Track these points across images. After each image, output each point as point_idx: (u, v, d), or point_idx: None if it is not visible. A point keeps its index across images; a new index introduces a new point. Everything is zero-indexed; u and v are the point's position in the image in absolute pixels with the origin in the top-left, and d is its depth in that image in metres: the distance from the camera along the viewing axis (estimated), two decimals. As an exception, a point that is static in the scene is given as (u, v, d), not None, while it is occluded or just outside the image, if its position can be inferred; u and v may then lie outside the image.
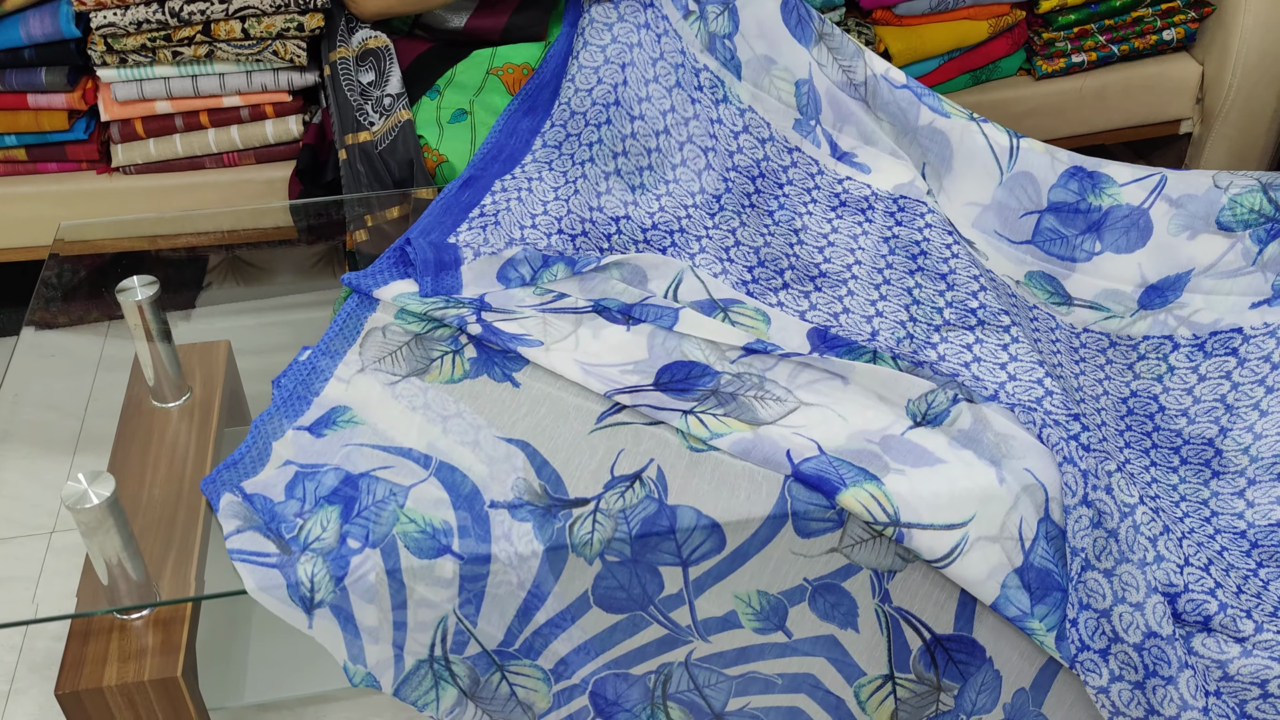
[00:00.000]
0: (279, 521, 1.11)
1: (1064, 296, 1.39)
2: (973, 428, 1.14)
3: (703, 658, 1.14)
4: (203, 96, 1.77)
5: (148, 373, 1.43)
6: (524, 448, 1.14)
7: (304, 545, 1.09)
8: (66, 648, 1.18)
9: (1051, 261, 1.40)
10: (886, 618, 1.13)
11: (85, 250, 1.71)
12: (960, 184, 1.45)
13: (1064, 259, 1.40)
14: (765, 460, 1.11)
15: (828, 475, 1.08)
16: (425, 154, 1.55)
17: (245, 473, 1.17)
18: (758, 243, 1.38)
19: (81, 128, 1.80)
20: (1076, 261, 1.39)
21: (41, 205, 1.83)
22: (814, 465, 1.09)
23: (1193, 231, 1.33)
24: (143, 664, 1.16)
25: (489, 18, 1.68)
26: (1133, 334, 1.36)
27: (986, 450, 1.12)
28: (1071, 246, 1.39)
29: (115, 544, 1.12)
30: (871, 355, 1.23)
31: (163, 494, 1.32)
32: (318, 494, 1.11)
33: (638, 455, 1.13)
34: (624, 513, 1.09)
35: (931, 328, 1.28)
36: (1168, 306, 1.35)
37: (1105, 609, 1.08)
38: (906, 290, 1.33)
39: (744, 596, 1.12)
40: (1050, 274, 1.41)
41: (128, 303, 1.37)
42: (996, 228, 1.43)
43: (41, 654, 1.58)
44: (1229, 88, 1.94)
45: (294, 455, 1.16)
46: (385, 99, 1.60)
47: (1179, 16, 1.94)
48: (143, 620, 1.20)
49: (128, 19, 1.67)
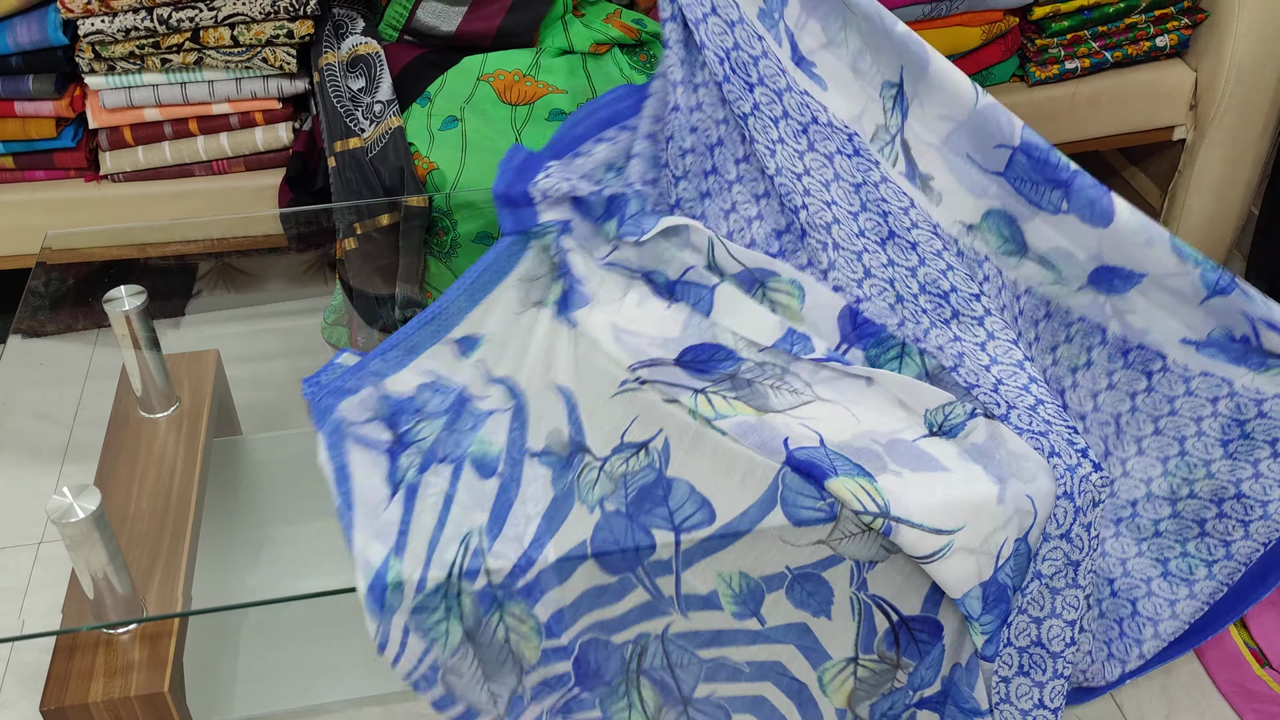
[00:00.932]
0: (402, 414, 1.27)
1: (1019, 245, 1.33)
2: (987, 443, 1.15)
3: (679, 634, 1.17)
4: (192, 104, 1.76)
5: (135, 383, 1.42)
6: (566, 397, 1.24)
7: (411, 441, 1.25)
8: (52, 663, 1.17)
9: (1019, 201, 1.32)
10: (860, 604, 1.15)
11: (73, 259, 1.70)
12: (936, 94, 1.34)
13: (1031, 201, 1.32)
14: (762, 444, 1.13)
15: (819, 463, 1.10)
16: (416, 161, 1.54)
17: (387, 372, 1.32)
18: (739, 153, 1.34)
19: (69, 135, 1.78)
20: (1041, 209, 1.31)
21: (29, 213, 1.81)
22: (808, 453, 1.11)
23: (1149, 240, 1.27)
24: (129, 679, 1.15)
25: (480, 22, 1.67)
26: (1071, 307, 1.33)
27: (996, 467, 1.13)
28: (1040, 192, 1.31)
29: (101, 558, 1.11)
30: (899, 347, 1.23)
31: (150, 506, 1.31)
32: (438, 405, 1.28)
33: (649, 425, 1.18)
34: (625, 477, 1.15)
35: (916, 323, 1.27)
36: (1112, 295, 1.31)
37: (1039, 617, 1.16)
38: (884, 265, 1.30)
39: (726, 576, 1.13)
40: (1012, 215, 1.33)
41: (115, 313, 1.36)
42: (969, 150, 1.34)
43: (29, 667, 1.57)
44: (1222, 94, 1.93)
45: (434, 366, 1.32)
46: (376, 106, 1.59)
47: (1172, 23, 1.94)
48: (129, 635, 1.19)
49: (115, 26, 1.66)
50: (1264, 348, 1.24)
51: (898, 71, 1.36)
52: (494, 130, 1.57)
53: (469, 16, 1.66)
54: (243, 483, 1.60)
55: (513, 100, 1.63)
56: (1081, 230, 1.29)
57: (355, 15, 1.68)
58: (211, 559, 1.37)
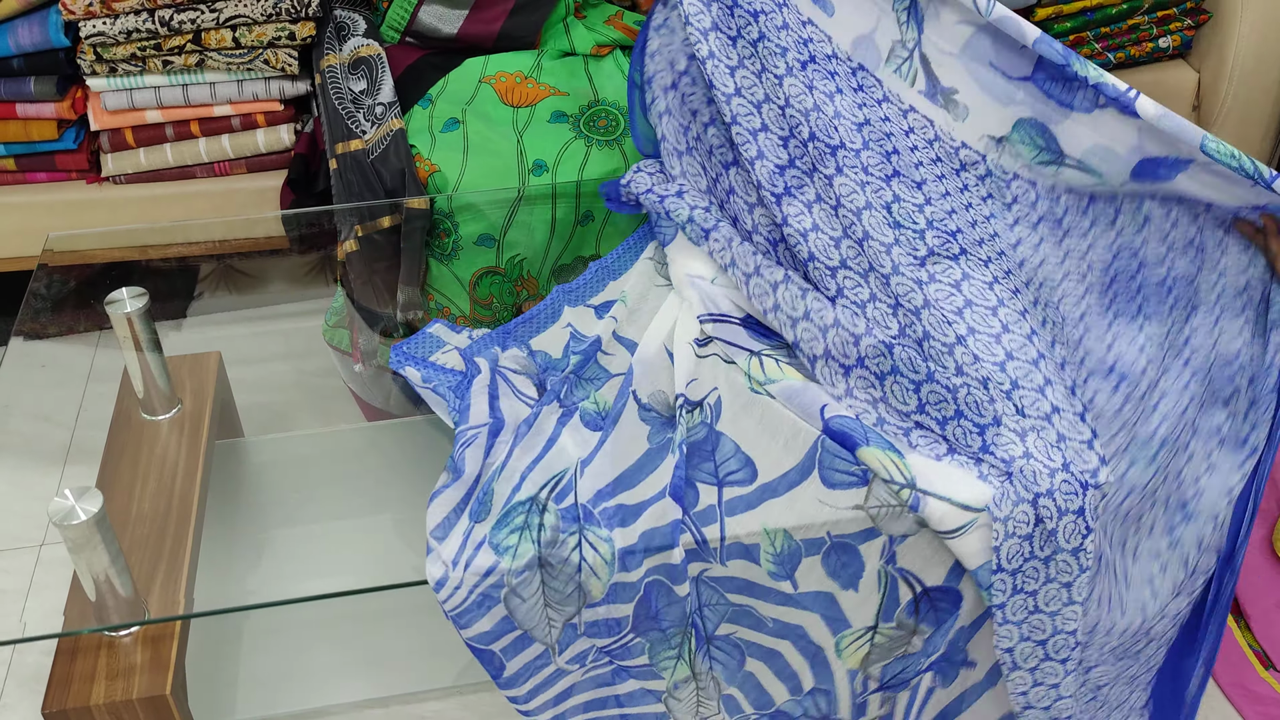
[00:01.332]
0: (548, 367, 1.36)
1: (1055, 153, 1.29)
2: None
3: (714, 577, 1.21)
4: (193, 105, 1.76)
5: (137, 385, 1.42)
6: (671, 359, 1.31)
7: (550, 386, 1.32)
8: (54, 665, 1.17)
9: (1049, 105, 1.28)
10: (887, 578, 1.18)
11: (75, 260, 1.69)
12: (950, 1, 1.31)
13: (1061, 103, 1.28)
14: (803, 409, 1.19)
15: (853, 432, 1.16)
16: (417, 163, 1.53)
17: (535, 331, 1.41)
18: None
19: (71, 137, 1.78)
20: (1074, 110, 1.27)
21: (31, 215, 1.81)
22: (842, 423, 1.17)
23: (1179, 137, 1.22)
24: (131, 682, 1.15)
25: (482, 25, 1.67)
26: (1116, 194, 1.31)
27: (1016, 479, 1.15)
28: (1071, 91, 1.27)
29: (103, 561, 1.11)
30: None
31: (152, 509, 1.31)
32: (574, 352, 1.37)
33: (705, 383, 1.26)
34: (686, 430, 1.23)
35: (916, 261, 1.25)
36: (1159, 183, 1.27)
37: (1034, 590, 1.18)
38: (885, 207, 1.27)
39: (771, 533, 1.17)
40: (1043, 122, 1.29)
41: (117, 315, 1.36)
42: (992, 58, 1.30)
43: (31, 669, 1.56)
44: (1225, 95, 1.93)
45: (574, 321, 1.40)
46: (377, 107, 1.58)
47: (1175, 24, 1.93)
48: (131, 637, 1.18)
49: (117, 28, 1.66)
50: None
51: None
52: (495, 132, 1.56)
53: (470, 19, 1.66)
54: (245, 485, 1.60)
55: (514, 102, 1.62)
56: (1119, 123, 1.25)
57: (357, 17, 1.67)
58: (214, 561, 1.37)
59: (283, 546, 1.52)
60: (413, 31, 1.67)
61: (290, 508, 1.58)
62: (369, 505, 1.52)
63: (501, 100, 1.62)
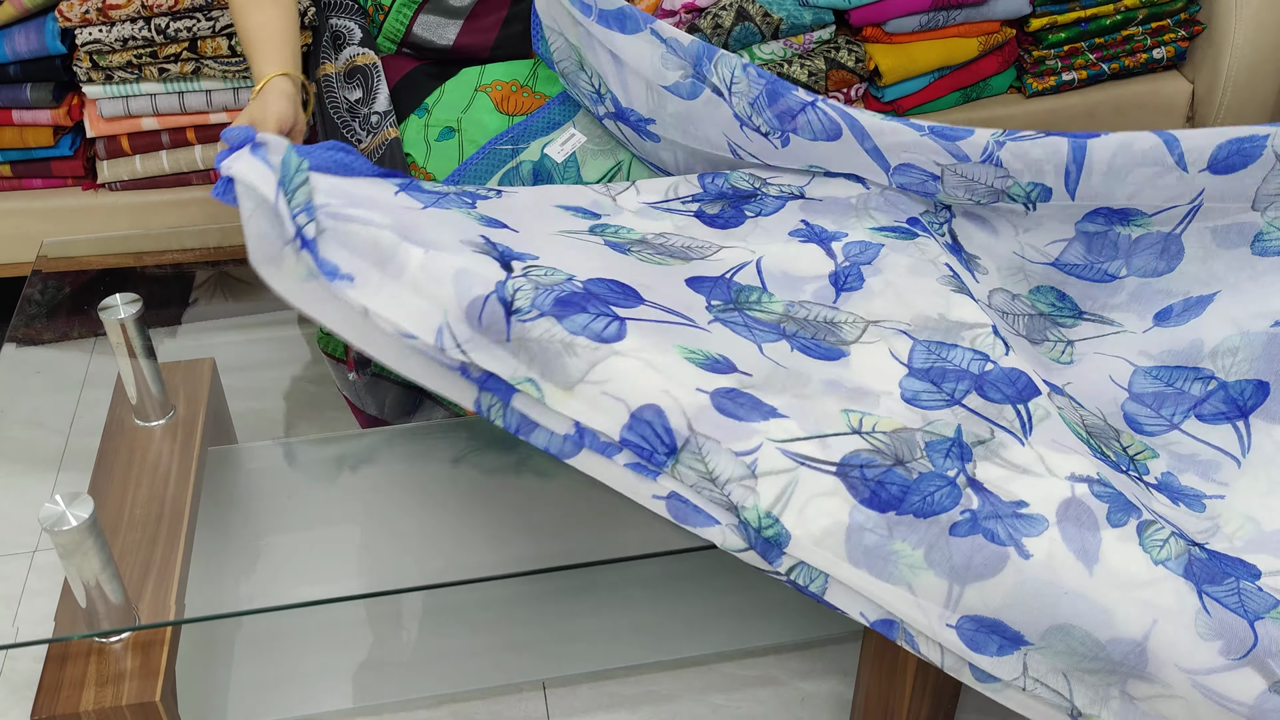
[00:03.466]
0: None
1: (1073, 310, 1.35)
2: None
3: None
4: (189, 113, 1.76)
5: (130, 391, 1.42)
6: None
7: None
8: (44, 671, 1.17)
9: (1069, 280, 1.36)
10: None
11: (69, 266, 1.70)
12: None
13: (1084, 279, 1.35)
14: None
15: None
16: (412, 172, 1.54)
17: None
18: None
19: (67, 144, 1.79)
20: (1096, 282, 1.35)
21: (26, 221, 1.81)
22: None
23: (1228, 248, 1.29)
24: (121, 688, 1.15)
25: (477, 35, 1.67)
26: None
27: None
28: (1094, 270, 1.35)
29: (94, 566, 1.11)
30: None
31: (144, 514, 1.31)
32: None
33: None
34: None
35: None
36: (1186, 324, 1.30)
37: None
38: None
39: None
40: (1063, 290, 1.36)
41: (110, 321, 1.36)
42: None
43: (23, 675, 1.56)
44: (1219, 106, 1.94)
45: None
46: (373, 116, 1.59)
47: (1169, 35, 1.94)
48: (122, 643, 1.18)
49: (113, 36, 1.66)
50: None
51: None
52: (490, 141, 1.57)
53: (465, 30, 1.66)
54: (238, 491, 1.60)
55: (510, 111, 1.63)
56: (1144, 285, 1.33)
57: (353, 25, 1.68)
58: (206, 567, 1.37)
59: (275, 553, 1.52)
60: (409, 43, 1.67)
61: (283, 514, 1.57)
62: (362, 513, 1.52)
63: (497, 108, 1.62)
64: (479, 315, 1.07)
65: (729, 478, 1.05)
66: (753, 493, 1.05)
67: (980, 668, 1.06)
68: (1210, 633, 1.03)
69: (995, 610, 1.05)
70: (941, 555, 1.04)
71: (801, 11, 1.81)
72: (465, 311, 1.07)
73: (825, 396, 1.13)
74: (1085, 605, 1.04)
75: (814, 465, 1.06)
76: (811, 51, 1.84)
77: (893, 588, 1.05)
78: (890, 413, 1.13)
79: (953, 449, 1.10)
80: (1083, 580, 1.04)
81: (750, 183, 1.41)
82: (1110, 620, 1.03)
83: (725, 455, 1.06)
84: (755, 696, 1.54)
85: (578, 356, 1.07)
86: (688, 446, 1.06)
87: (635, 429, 1.07)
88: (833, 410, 1.12)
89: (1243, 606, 1.05)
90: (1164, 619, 1.03)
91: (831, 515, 1.05)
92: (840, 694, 1.54)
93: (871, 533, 1.04)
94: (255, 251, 1.10)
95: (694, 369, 1.11)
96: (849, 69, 1.83)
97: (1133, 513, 1.07)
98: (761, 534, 1.04)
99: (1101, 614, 1.03)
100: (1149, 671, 1.03)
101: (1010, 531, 1.04)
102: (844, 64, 1.83)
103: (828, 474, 1.06)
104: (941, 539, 1.04)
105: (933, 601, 1.05)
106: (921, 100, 1.90)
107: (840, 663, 1.58)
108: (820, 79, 1.83)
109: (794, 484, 1.05)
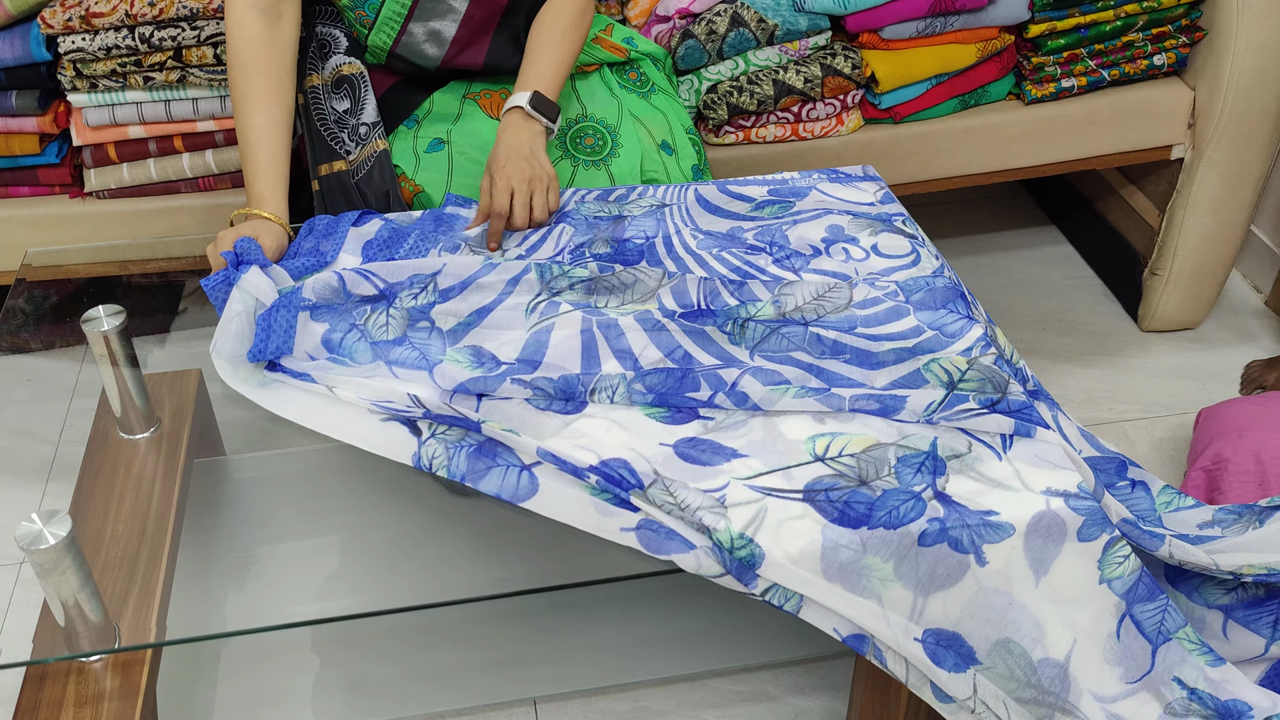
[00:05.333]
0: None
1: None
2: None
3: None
4: (176, 121, 1.74)
5: (114, 404, 1.40)
6: None
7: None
8: (22, 692, 1.14)
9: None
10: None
11: (55, 276, 1.68)
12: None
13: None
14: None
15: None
16: (402, 184, 1.51)
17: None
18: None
19: (53, 151, 1.76)
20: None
21: (12, 230, 1.79)
22: None
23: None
24: (100, 709, 1.12)
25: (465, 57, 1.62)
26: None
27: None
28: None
29: (72, 586, 1.09)
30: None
31: (126, 530, 1.29)
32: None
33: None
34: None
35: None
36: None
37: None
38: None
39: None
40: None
41: (93, 333, 1.34)
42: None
43: (6, 690, 1.54)
44: (1221, 113, 1.91)
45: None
46: (361, 127, 1.56)
47: (1170, 41, 1.92)
48: (102, 663, 1.16)
49: (96, 45, 1.64)
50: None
51: None
52: (481, 152, 1.54)
53: (453, 51, 1.61)
54: (225, 504, 1.57)
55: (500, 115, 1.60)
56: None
57: (339, 33, 1.65)
58: (191, 584, 1.35)
59: (264, 567, 1.50)
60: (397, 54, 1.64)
61: (270, 527, 1.55)
62: (351, 525, 1.50)
63: (487, 115, 1.60)
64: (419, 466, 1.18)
65: (699, 506, 1.08)
66: (723, 518, 1.07)
67: (939, 685, 1.10)
68: (1114, 658, 1.11)
69: (954, 622, 1.09)
70: (910, 566, 1.08)
71: (797, 17, 1.79)
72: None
73: (788, 427, 1.17)
74: (1025, 618, 1.10)
75: (780, 495, 1.10)
76: (807, 58, 1.82)
77: (864, 601, 1.08)
78: (866, 428, 1.16)
79: (925, 463, 1.12)
80: (1028, 591, 1.09)
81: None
82: (1042, 637, 1.10)
83: (693, 492, 1.09)
84: (748, 713, 1.53)
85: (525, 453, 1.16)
86: (655, 485, 1.10)
87: (604, 468, 1.11)
88: (797, 439, 1.16)
89: (1160, 626, 1.12)
90: (1082, 640, 1.11)
91: (806, 535, 1.07)
92: (834, 709, 1.52)
93: (846, 549, 1.07)
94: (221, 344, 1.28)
95: (657, 424, 1.17)
96: (845, 75, 1.81)
97: (1106, 528, 1.11)
98: (734, 555, 1.06)
99: (1037, 629, 1.10)
100: (1069, 701, 1.10)
101: (974, 538, 1.08)
102: (840, 70, 1.81)
103: (794, 500, 1.09)
104: (911, 550, 1.08)
105: (899, 614, 1.09)
106: (919, 107, 1.87)
107: (834, 678, 1.56)
108: (816, 85, 1.81)
109: (763, 511, 1.08)
